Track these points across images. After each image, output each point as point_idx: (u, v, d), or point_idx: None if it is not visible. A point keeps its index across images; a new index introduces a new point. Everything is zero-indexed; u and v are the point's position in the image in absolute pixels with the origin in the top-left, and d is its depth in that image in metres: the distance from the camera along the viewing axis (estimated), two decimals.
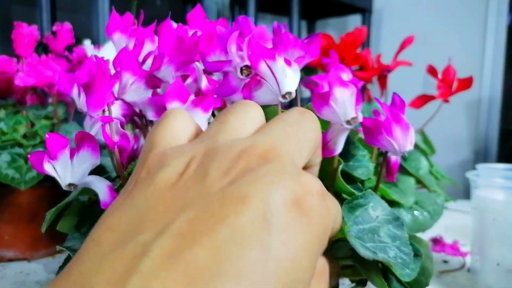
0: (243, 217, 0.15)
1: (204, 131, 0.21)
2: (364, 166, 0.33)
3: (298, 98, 0.39)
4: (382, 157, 0.33)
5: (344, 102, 0.26)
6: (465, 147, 2.13)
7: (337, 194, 0.31)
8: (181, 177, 0.17)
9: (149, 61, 0.28)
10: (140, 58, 0.29)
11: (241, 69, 0.25)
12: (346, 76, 0.39)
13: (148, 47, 0.29)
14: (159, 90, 0.30)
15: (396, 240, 0.28)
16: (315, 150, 0.22)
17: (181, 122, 0.21)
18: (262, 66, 0.25)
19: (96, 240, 0.16)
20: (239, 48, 0.25)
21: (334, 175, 0.30)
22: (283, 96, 0.26)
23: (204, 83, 0.29)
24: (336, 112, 0.27)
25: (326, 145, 0.28)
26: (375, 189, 0.34)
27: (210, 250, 0.14)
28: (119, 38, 0.31)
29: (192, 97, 0.26)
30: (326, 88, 0.38)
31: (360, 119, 0.27)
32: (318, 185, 0.18)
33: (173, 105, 0.25)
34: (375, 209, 0.30)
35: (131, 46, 0.29)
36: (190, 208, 0.15)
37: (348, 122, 0.27)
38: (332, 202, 0.19)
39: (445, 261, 0.61)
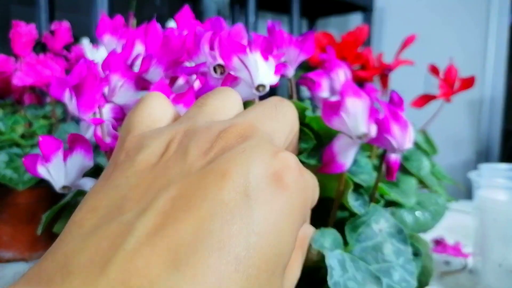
0: (224, 192, 0.15)
1: (183, 114, 0.21)
2: (367, 173, 0.32)
3: (294, 95, 0.39)
4: (381, 156, 0.32)
5: (356, 115, 0.25)
6: (467, 147, 2.13)
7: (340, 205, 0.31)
8: (161, 158, 0.17)
9: (139, 63, 0.28)
10: (130, 60, 0.29)
11: (215, 68, 0.25)
12: (344, 73, 0.39)
13: (139, 48, 0.29)
14: None
15: (400, 257, 0.27)
16: (292, 141, 0.22)
17: (159, 105, 0.21)
18: (235, 61, 0.25)
19: (78, 222, 0.16)
20: (213, 48, 0.25)
21: (341, 196, 0.29)
22: (257, 89, 0.25)
23: (197, 84, 0.29)
24: (346, 125, 0.25)
25: (333, 159, 0.27)
26: (374, 188, 0.33)
27: (193, 226, 0.14)
28: (109, 40, 0.31)
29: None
30: (323, 87, 0.38)
31: (373, 135, 0.26)
32: (295, 160, 0.18)
33: None
34: (378, 222, 0.29)
35: (120, 48, 0.29)
36: (172, 186, 0.15)
37: (359, 137, 0.26)
38: (309, 175, 0.20)
39: (447, 262, 0.60)
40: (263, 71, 0.25)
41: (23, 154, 0.56)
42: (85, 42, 0.61)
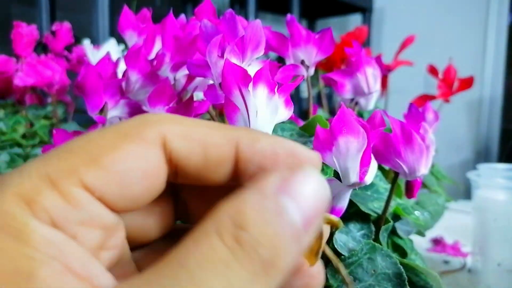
0: None
1: None
2: (382, 200, 0.28)
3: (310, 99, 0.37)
4: (394, 178, 0.28)
5: (347, 159, 0.21)
6: (466, 147, 2.13)
7: None
8: None
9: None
10: (151, 56, 0.28)
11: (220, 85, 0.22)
12: (372, 70, 0.35)
13: (159, 45, 0.28)
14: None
15: None
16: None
17: None
18: (235, 94, 0.20)
19: None
20: (222, 54, 0.22)
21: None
22: None
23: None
24: (337, 167, 0.22)
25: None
26: (383, 212, 0.28)
27: None
28: (131, 36, 0.31)
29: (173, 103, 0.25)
30: (347, 88, 0.34)
31: (367, 182, 0.22)
32: None
33: (156, 110, 0.24)
34: (373, 261, 0.24)
35: (141, 43, 0.28)
36: None
37: (349, 185, 0.22)
38: None
39: (446, 262, 0.61)
40: (263, 116, 0.20)
41: (24, 154, 0.56)
42: (86, 43, 0.61)
